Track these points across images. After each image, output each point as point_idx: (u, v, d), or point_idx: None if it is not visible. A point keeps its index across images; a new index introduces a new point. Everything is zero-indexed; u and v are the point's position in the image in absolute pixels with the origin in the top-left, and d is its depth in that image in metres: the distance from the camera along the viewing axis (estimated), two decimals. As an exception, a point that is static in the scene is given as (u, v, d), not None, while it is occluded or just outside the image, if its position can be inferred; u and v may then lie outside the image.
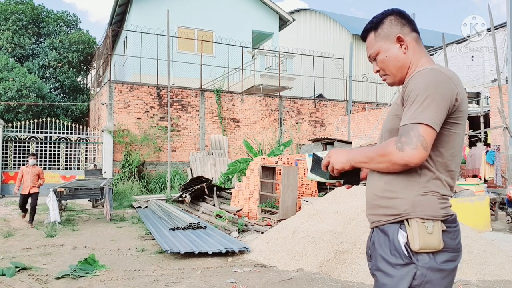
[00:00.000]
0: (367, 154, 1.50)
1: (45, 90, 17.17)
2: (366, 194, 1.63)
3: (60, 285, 4.23)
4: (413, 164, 1.39)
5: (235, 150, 14.86)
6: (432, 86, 1.40)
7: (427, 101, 1.39)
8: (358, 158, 1.52)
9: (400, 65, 1.59)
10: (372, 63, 1.69)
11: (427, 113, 1.38)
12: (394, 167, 1.43)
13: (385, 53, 1.60)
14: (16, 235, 6.92)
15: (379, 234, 1.50)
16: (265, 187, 8.12)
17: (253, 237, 6.38)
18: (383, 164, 1.45)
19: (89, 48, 19.65)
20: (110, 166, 13.08)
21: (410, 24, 1.61)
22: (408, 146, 1.37)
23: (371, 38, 1.65)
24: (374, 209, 1.55)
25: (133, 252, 5.69)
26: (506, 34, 9.25)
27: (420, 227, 1.40)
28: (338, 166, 1.55)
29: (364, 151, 1.53)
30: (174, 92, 14.32)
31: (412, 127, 1.38)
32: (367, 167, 1.54)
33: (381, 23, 1.62)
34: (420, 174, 1.46)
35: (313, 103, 16.79)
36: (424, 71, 1.46)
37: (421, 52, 1.60)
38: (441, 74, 1.43)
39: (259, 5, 18.99)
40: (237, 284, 4.18)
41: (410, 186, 1.45)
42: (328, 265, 4.50)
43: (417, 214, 1.42)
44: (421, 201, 1.43)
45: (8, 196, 12.67)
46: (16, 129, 13.47)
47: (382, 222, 1.49)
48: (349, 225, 4.87)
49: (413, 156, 1.36)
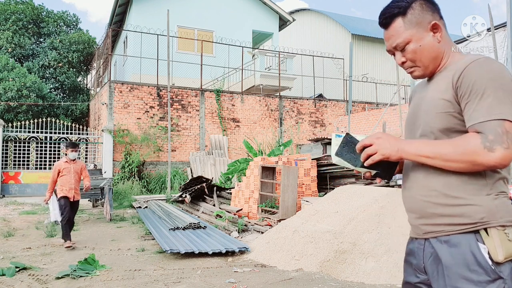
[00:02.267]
0: (434, 149, 1.30)
1: (45, 90, 17.17)
2: (410, 200, 1.43)
3: (60, 285, 4.23)
4: (504, 166, 1.24)
5: (235, 150, 14.86)
6: (498, 78, 1.27)
7: (499, 94, 1.25)
8: (416, 150, 1.32)
9: (435, 56, 1.42)
10: (396, 54, 1.48)
11: (505, 107, 1.24)
12: (474, 168, 1.26)
13: (418, 43, 1.42)
14: (16, 235, 6.91)
15: (443, 246, 1.32)
16: (265, 187, 8.12)
17: (253, 237, 6.38)
18: (460, 164, 1.26)
19: (89, 48, 19.65)
20: (110, 166, 13.08)
21: (438, 10, 1.46)
22: (499, 146, 1.21)
23: (398, 25, 1.43)
24: (430, 218, 1.35)
25: (133, 252, 5.69)
26: (506, 34, 9.24)
27: (501, 235, 1.25)
28: (384, 152, 1.33)
29: (428, 144, 1.33)
30: (174, 92, 14.32)
31: (498, 124, 1.22)
32: (426, 163, 1.32)
33: (410, 7, 1.42)
34: (485, 175, 1.30)
35: (313, 103, 16.78)
36: (480, 61, 1.30)
37: (450, 41, 1.46)
38: (499, 64, 1.30)
39: (259, 5, 18.98)
40: (237, 284, 4.18)
41: (478, 190, 1.30)
42: (328, 265, 4.50)
43: (498, 222, 1.27)
44: (498, 206, 1.29)
45: (8, 196, 12.67)
46: (16, 129, 13.47)
47: (447, 232, 1.31)
48: (349, 225, 4.87)
49: (506, 157, 1.21)
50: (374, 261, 4.37)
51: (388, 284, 4.10)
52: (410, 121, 1.52)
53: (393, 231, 4.68)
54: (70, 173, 6.11)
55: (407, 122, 1.54)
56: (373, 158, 1.36)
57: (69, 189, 6.06)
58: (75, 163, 6.28)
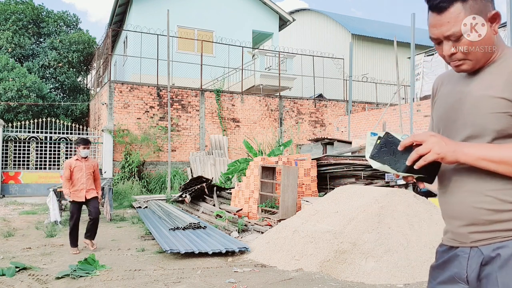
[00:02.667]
0: (503, 154, 1.19)
1: (45, 90, 17.17)
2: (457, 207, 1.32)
3: (60, 285, 4.23)
4: None
5: (235, 150, 14.86)
6: None
7: None
8: (479, 153, 1.20)
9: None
10: (444, 43, 1.31)
11: None
12: None
13: None
14: (16, 235, 6.91)
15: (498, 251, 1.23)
16: (265, 187, 8.12)
17: (253, 237, 6.38)
18: None
19: (89, 48, 19.65)
20: (110, 166, 13.08)
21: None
22: None
23: (457, 10, 1.25)
24: (483, 225, 1.26)
25: (133, 252, 5.69)
26: (506, 34, 9.24)
27: None
28: (440, 151, 1.20)
29: (493, 148, 1.22)
30: (174, 92, 14.32)
31: None
32: (487, 167, 1.21)
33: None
34: None
35: (313, 103, 16.78)
36: None
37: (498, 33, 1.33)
38: None
39: (259, 5, 18.98)
40: (237, 284, 4.18)
41: None
42: (328, 265, 4.50)
43: None
44: None
45: (8, 196, 12.67)
46: (16, 129, 13.47)
47: (503, 238, 1.23)
48: (349, 225, 4.87)
49: None
50: (374, 261, 4.37)
51: (388, 284, 4.10)
52: (447, 117, 1.38)
53: (393, 231, 4.69)
54: (81, 172, 5.69)
55: (442, 117, 1.40)
56: (425, 158, 1.21)
57: (80, 189, 5.65)
58: (87, 161, 5.82)
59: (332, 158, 9.00)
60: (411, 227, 4.78)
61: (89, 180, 5.75)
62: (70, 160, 5.82)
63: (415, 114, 11.97)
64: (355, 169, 8.33)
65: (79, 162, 5.75)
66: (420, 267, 4.32)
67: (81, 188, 5.66)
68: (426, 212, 5.09)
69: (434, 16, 1.29)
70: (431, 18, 1.30)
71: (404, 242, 4.56)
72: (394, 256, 4.39)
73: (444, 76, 1.50)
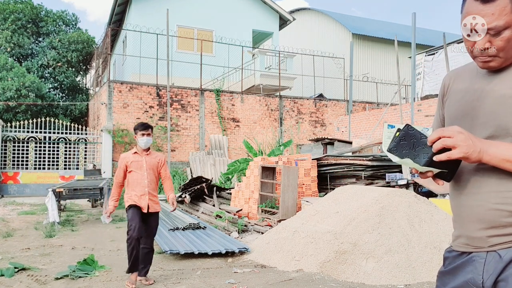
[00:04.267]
0: None
1: (44, 90, 17.14)
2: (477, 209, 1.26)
3: (59, 285, 4.20)
4: None
5: (235, 150, 14.83)
6: None
7: None
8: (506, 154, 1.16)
9: None
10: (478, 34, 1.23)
11: None
12: None
13: None
14: (15, 235, 6.89)
15: None
16: (265, 187, 8.10)
17: (253, 238, 6.36)
18: None
19: (88, 47, 19.62)
20: (110, 166, 13.05)
21: None
22: None
23: (504, 3, 1.18)
24: (504, 228, 1.21)
25: (133, 252, 5.65)
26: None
27: None
28: (467, 150, 1.15)
29: None
30: (173, 92, 14.29)
31: None
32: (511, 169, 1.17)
33: None
34: None
35: (313, 103, 16.76)
36: None
37: None
38: None
39: (259, 5, 18.96)
40: (237, 284, 4.16)
41: None
42: (328, 266, 4.48)
43: None
44: None
45: (7, 196, 12.64)
46: (15, 129, 13.44)
47: None
48: (349, 226, 4.85)
49: None
50: (375, 261, 4.35)
51: (388, 284, 4.08)
52: (464, 115, 1.33)
53: (394, 232, 4.66)
54: (141, 170, 4.15)
55: (457, 115, 1.35)
56: (450, 154, 1.15)
57: (141, 195, 4.11)
58: (149, 155, 4.24)
59: (333, 158, 8.97)
60: (412, 227, 4.75)
61: (153, 183, 4.20)
62: (126, 154, 4.28)
63: (415, 114, 11.95)
64: (355, 169, 8.30)
65: (139, 157, 4.19)
66: (421, 267, 4.30)
67: (142, 192, 4.11)
68: (427, 212, 5.06)
69: (476, 5, 1.21)
70: (471, 6, 1.22)
71: (405, 242, 4.54)
72: (394, 256, 4.36)
73: (455, 73, 1.45)
